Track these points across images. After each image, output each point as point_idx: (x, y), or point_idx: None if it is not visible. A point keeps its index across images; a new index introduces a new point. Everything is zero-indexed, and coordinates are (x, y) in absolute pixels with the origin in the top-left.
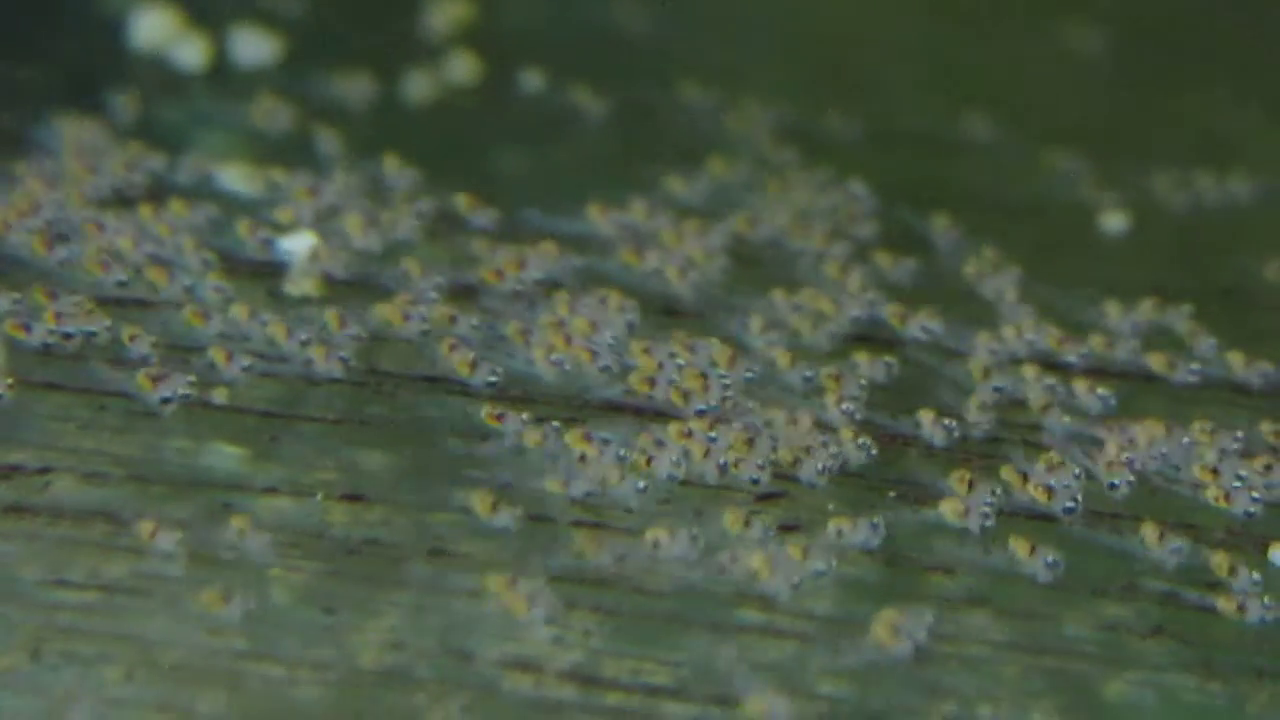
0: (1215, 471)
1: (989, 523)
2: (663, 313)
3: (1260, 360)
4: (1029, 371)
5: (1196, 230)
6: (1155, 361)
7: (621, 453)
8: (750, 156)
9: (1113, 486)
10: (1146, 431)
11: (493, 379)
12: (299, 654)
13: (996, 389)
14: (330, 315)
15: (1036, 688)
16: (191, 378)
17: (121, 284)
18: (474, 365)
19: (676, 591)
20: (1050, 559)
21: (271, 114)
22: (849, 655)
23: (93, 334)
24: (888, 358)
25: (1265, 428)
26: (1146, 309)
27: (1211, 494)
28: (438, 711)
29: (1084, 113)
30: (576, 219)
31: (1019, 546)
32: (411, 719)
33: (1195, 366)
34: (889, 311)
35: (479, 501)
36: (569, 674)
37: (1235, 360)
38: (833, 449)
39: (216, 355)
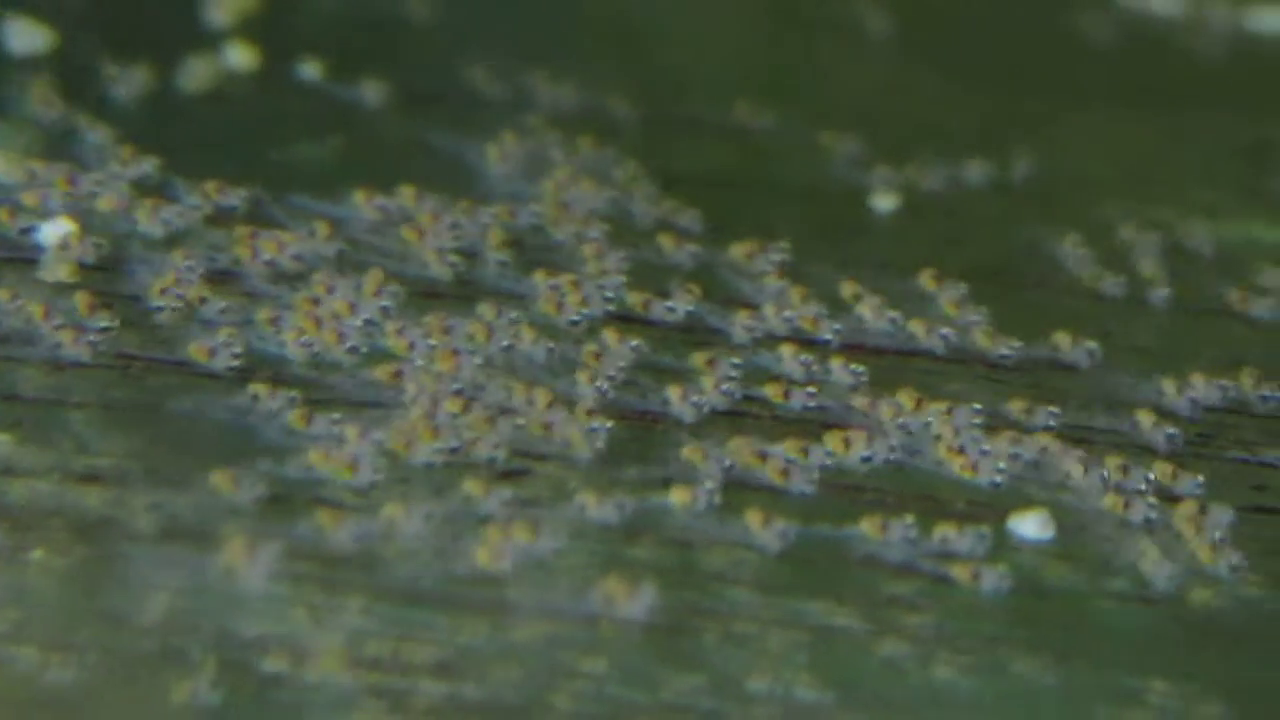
0: (960, 444)
1: (730, 497)
2: (423, 295)
3: (1012, 337)
4: (784, 349)
5: (968, 211)
6: (911, 338)
7: (365, 432)
8: (530, 141)
9: (865, 460)
10: (893, 406)
11: (239, 362)
12: (52, 637)
13: (750, 366)
14: (82, 300)
15: (797, 661)
16: None
17: None
18: (223, 348)
19: (420, 571)
20: (785, 531)
21: (43, 103)
22: (593, 631)
23: None
24: (640, 339)
25: (1014, 403)
26: (907, 286)
27: (957, 466)
28: (189, 692)
29: (867, 96)
30: (343, 204)
31: (753, 520)
32: (165, 700)
33: (951, 343)
34: (649, 292)
35: (223, 482)
36: (324, 653)
37: (989, 337)
38: (579, 427)
39: None
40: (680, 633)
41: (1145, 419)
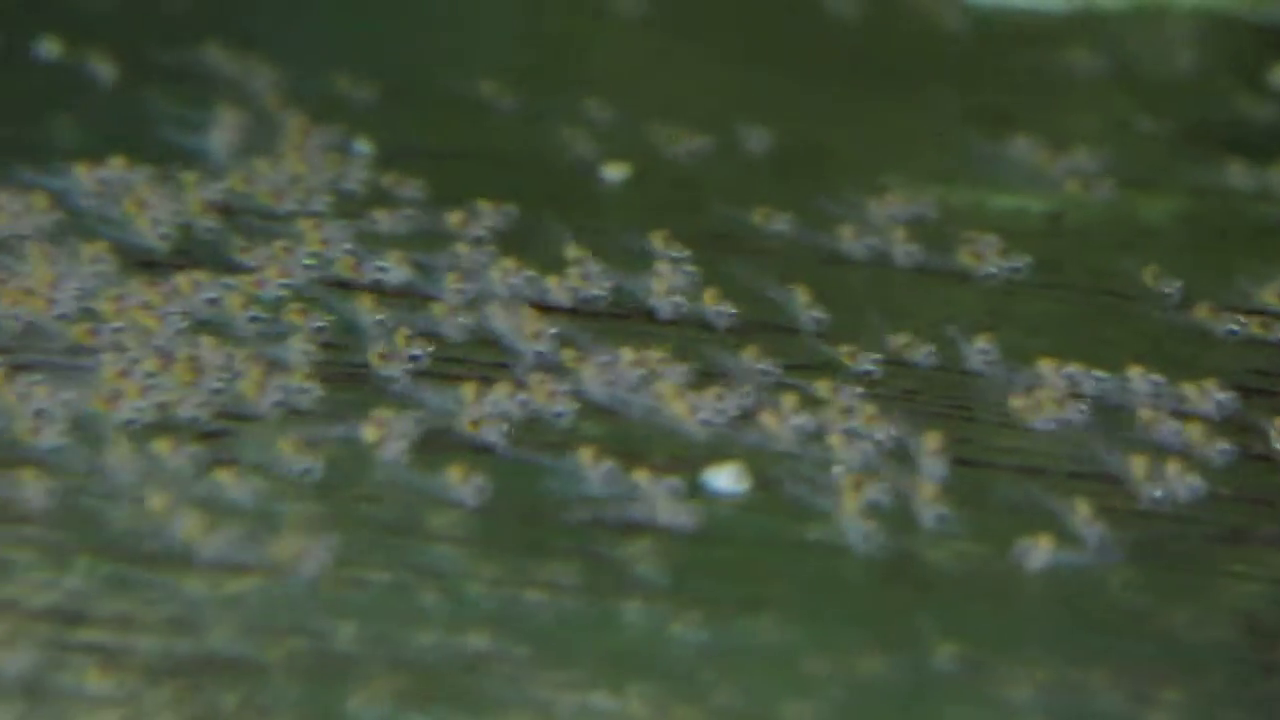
0: (670, 399)
1: (430, 454)
2: (138, 265)
3: (731, 300)
4: (499, 310)
5: (698, 180)
6: (629, 299)
7: (63, 394)
8: (259, 117)
9: (558, 415)
10: (603, 363)
11: None
12: None
13: (467, 326)
14: None
15: (474, 616)
16: None
17: None
18: None
19: (125, 529)
20: (478, 485)
21: None
22: (310, 586)
23: None
24: (358, 302)
25: (728, 361)
26: (630, 251)
27: (662, 420)
28: None
29: (611, 71)
30: (65, 177)
31: (453, 474)
32: None
33: (670, 304)
34: (364, 258)
35: None
36: (45, 612)
37: (708, 299)
38: (283, 389)
39: None
40: (392, 590)
41: (858, 377)
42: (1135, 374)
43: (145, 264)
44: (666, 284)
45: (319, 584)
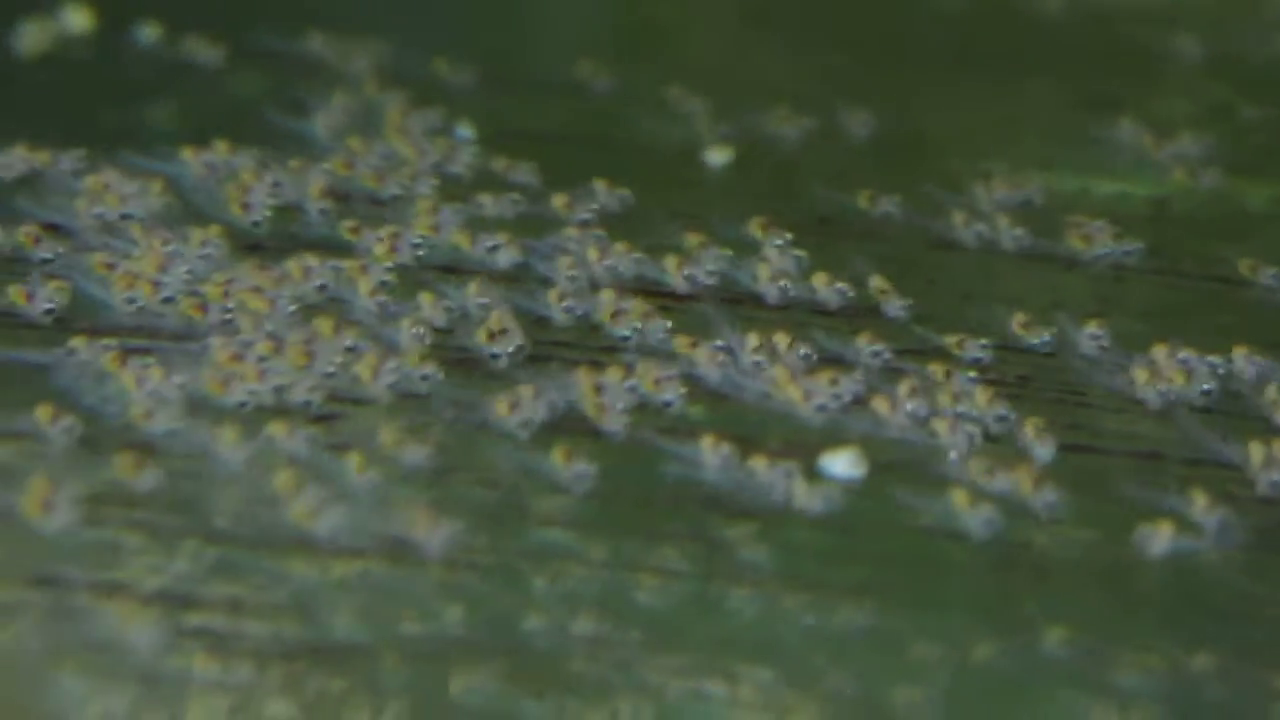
0: (780, 383)
1: (544, 438)
2: (246, 248)
3: (837, 283)
4: (607, 294)
5: (800, 166)
6: (735, 283)
7: (177, 376)
8: (360, 101)
9: (670, 401)
10: (713, 347)
11: (52, 308)
12: None
13: (568, 309)
14: None
15: (583, 595)
16: None
17: None
18: (36, 296)
19: (234, 512)
20: (588, 469)
21: None
22: (418, 571)
23: None
24: (467, 285)
25: (836, 345)
26: (735, 236)
27: (777, 404)
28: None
29: (710, 56)
30: (172, 161)
31: (565, 458)
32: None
33: (777, 289)
34: (472, 242)
35: (40, 421)
36: (157, 596)
37: (815, 283)
38: (396, 372)
39: None
40: (502, 574)
41: (966, 362)
42: (1249, 359)
43: (254, 247)
44: (774, 268)
45: (429, 568)
